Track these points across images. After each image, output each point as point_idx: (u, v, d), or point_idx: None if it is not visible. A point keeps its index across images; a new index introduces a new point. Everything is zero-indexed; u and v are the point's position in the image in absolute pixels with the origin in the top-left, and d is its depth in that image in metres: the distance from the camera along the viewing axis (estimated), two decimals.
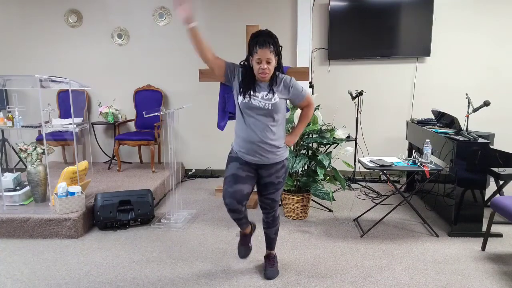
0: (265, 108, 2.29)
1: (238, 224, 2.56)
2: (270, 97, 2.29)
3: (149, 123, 4.93)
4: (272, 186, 2.46)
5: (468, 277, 2.61)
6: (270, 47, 2.21)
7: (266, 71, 2.24)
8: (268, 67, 2.24)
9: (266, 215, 2.60)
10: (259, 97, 2.29)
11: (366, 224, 3.50)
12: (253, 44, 2.23)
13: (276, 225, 2.65)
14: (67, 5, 5.07)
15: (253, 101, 2.29)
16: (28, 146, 3.49)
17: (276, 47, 2.26)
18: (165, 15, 5.00)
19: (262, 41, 2.20)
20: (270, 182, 2.45)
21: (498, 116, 4.70)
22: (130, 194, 3.55)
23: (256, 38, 2.24)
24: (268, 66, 2.24)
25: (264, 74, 2.25)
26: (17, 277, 2.68)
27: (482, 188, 3.17)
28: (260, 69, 2.24)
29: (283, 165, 2.45)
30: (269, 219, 2.60)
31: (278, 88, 2.33)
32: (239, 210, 2.40)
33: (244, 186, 2.36)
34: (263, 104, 2.28)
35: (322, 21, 4.84)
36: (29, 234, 3.29)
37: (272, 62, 2.25)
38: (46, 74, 3.55)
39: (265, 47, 2.19)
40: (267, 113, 2.30)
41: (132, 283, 2.58)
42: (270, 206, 2.55)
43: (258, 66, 2.24)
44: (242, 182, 2.36)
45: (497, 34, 4.66)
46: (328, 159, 3.49)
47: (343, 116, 4.83)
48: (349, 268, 2.75)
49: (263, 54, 2.20)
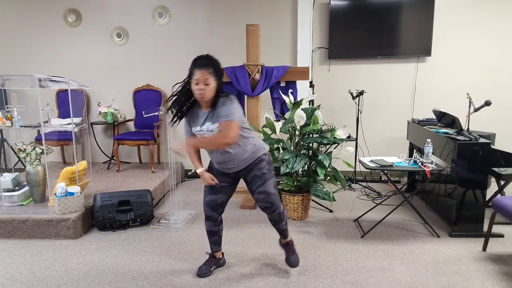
0: None
1: (210, 242, 2.70)
2: (212, 128, 2.34)
3: (148, 123, 4.91)
4: (257, 178, 2.46)
5: (469, 278, 2.59)
6: (209, 69, 2.26)
7: (203, 92, 2.26)
8: (206, 88, 2.26)
9: (270, 215, 2.55)
10: (204, 130, 2.37)
11: (366, 224, 3.48)
12: (193, 67, 2.29)
13: (283, 219, 2.60)
14: (66, 5, 5.05)
15: (203, 135, 2.39)
16: (27, 146, 3.48)
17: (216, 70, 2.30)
18: (164, 14, 4.99)
19: (200, 64, 2.26)
20: (254, 175, 2.48)
21: (500, 116, 4.69)
22: (129, 195, 3.54)
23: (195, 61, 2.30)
24: (206, 88, 2.26)
25: (201, 96, 2.27)
26: (16, 278, 2.66)
27: (483, 188, 3.16)
28: (197, 89, 2.26)
29: (260, 160, 2.48)
30: (274, 218, 2.57)
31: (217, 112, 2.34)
32: (214, 218, 2.60)
33: (218, 196, 2.55)
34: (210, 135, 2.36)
35: (323, 20, 4.82)
36: (28, 235, 3.27)
37: (211, 84, 2.27)
38: (45, 73, 3.53)
39: (203, 69, 2.25)
40: None
41: (132, 283, 2.57)
42: (268, 202, 2.46)
43: (196, 87, 2.27)
44: (216, 192, 2.55)
45: (498, 33, 4.64)
46: (328, 159, 3.47)
47: (343, 116, 4.81)
48: (349, 268, 2.74)
49: (201, 75, 2.24)
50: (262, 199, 2.47)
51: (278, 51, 4.84)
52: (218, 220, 2.64)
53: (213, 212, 2.58)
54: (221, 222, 2.68)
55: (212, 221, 2.61)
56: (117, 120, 5.03)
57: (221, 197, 2.56)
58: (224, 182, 2.55)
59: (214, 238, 2.69)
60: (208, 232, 2.67)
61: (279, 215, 2.55)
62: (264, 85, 3.93)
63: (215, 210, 2.58)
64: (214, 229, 2.65)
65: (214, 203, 2.56)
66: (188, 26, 4.99)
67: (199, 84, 2.25)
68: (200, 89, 2.25)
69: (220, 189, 2.55)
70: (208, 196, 2.57)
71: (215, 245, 2.71)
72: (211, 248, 2.72)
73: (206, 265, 2.69)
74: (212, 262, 2.71)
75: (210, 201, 2.56)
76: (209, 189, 2.56)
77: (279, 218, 2.57)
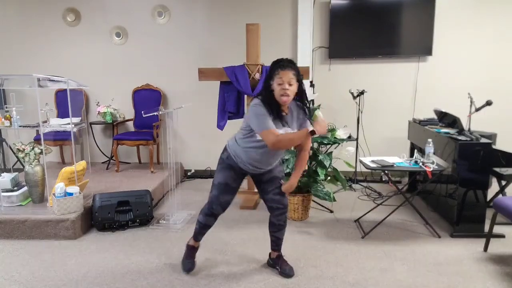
0: None
1: (198, 233, 2.67)
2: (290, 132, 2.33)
3: (148, 123, 4.90)
4: (276, 179, 2.53)
5: (471, 279, 2.58)
6: (292, 71, 2.24)
7: (287, 92, 2.22)
8: (290, 88, 2.22)
9: (278, 217, 2.56)
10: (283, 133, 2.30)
11: (367, 225, 3.47)
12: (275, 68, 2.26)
13: (286, 225, 2.65)
14: (65, 4, 5.03)
15: None
16: (26, 146, 3.47)
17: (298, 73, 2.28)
18: (164, 13, 4.97)
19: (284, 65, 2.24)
20: (273, 177, 2.53)
21: (501, 115, 4.67)
22: (128, 195, 3.53)
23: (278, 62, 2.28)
24: (290, 88, 2.22)
25: (286, 96, 2.22)
26: (15, 278, 2.65)
27: (484, 189, 3.14)
28: (281, 89, 2.22)
29: (281, 163, 2.64)
30: (281, 221, 2.58)
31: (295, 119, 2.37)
32: (217, 217, 2.59)
33: (232, 196, 2.55)
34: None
35: (323, 20, 4.80)
36: (27, 235, 3.25)
37: (293, 86, 2.24)
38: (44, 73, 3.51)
39: (287, 69, 2.22)
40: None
41: (131, 284, 2.55)
42: (282, 203, 2.53)
43: (279, 87, 2.22)
44: (232, 192, 2.53)
45: (499, 33, 4.63)
46: (329, 159, 3.46)
47: (344, 116, 4.79)
48: (350, 269, 2.72)
49: (285, 76, 2.21)
50: (278, 200, 2.52)
51: (278, 50, 4.81)
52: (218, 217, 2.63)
53: (222, 210, 2.56)
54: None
55: (215, 218, 2.59)
56: (116, 120, 5.02)
57: (233, 197, 2.56)
58: (240, 182, 2.55)
59: (205, 231, 2.67)
60: (204, 226, 2.62)
61: (285, 220, 2.61)
62: None
63: (225, 209, 2.56)
64: (211, 224, 2.62)
65: (227, 204, 2.54)
66: (188, 26, 4.98)
67: (283, 84, 2.21)
68: (285, 89, 2.21)
69: (236, 189, 2.55)
70: (225, 196, 2.50)
71: (201, 236, 2.70)
72: (197, 238, 2.70)
73: (190, 258, 2.72)
74: (193, 253, 2.73)
75: (226, 201, 2.52)
76: (227, 188, 2.49)
77: (284, 223, 2.61)
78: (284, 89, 2.21)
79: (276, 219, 2.58)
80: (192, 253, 2.74)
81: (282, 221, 2.59)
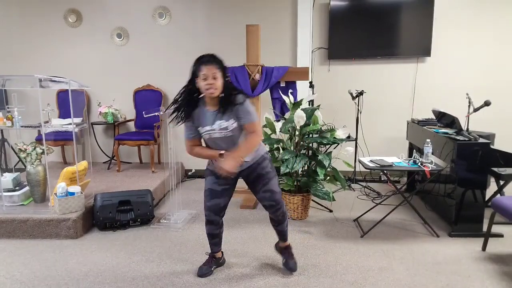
0: (226, 136, 2.36)
1: (210, 244, 2.67)
2: (226, 125, 2.33)
3: (148, 123, 4.92)
4: (261, 177, 2.49)
5: (469, 278, 2.60)
6: (215, 64, 2.25)
7: (213, 86, 2.24)
8: (215, 82, 2.24)
9: (274, 214, 2.57)
10: (217, 128, 2.34)
11: (366, 224, 3.49)
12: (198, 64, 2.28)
13: (286, 219, 2.64)
14: (66, 5, 5.06)
15: (214, 135, 2.36)
16: (28, 146, 3.49)
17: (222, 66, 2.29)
18: (164, 14, 4.99)
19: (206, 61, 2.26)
20: (258, 175, 2.49)
21: (499, 116, 4.69)
22: (129, 194, 3.55)
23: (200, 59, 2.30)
24: (215, 82, 2.24)
25: (212, 90, 2.25)
26: (16, 278, 2.67)
27: (482, 188, 3.16)
28: (207, 84, 2.24)
29: (263, 158, 2.50)
30: (278, 217, 2.58)
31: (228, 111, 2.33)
32: (217, 222, 2.57)
33: (220, 200, 2.51)
34: (223, 133, 2.35)
35: (323, 21, 4.83)
36: (29, 235, 3.28)
37: (219, 79, 2.26)
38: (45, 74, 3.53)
39: (209, 64, 2.24)
40: (230, 138, 2.38)
41: (132, 283, 2.57)
42: (273, 200, 2.50)
43: (204, 83, 2.25)
44: (218, 196, 2.51)
45: (498, 33, 4.64)
46: (328, 159, 3.48)
47: (343, 116, 4.81)
48: (349, 268, 2.74)
49: (208, 71, 2.23)
50: (268, 198, 2.50)
51: (278, 51, 4.85)
52: (220, 223, 2.61)
53: (215, 216, 2.54)
54: (222, 224, 2.64)
55: (214, 224, 2.57)
56: (118, 120, 5.04)
57: (224, 200, 2.53)
58: (226, 184, 2.51)
59: (215, 240, 2.66)
60: (210, 235, 2.63)
61: (283, 214, 2.58)
62: (264, 85, 3.94)
63: (218, 213, 2.54)
64: (216, 232, 2.62)
65: (217, 207, 2.52)
66: (188, 27, 5.00)
67: (208, 79, 2.23)
68: (210, 84, 2.23)
69: (223, 192, 2.51)
70: (211, 200, 2.51)
71: (215, 246, 2.69)
72: (212, 249, 2.70)
73: (206, 265, 2.69)
74: (212, 261, 2.71)
75: (214, 205, 2.51)
76: (212, 192, 2.51)
77: (282, 218, 2.59)
78: (209, 83, 2.23)
79: (273, 216, 2.59)
80: (212, 261, 2.71)
81: (280, 216, 2.57)
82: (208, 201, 2.52)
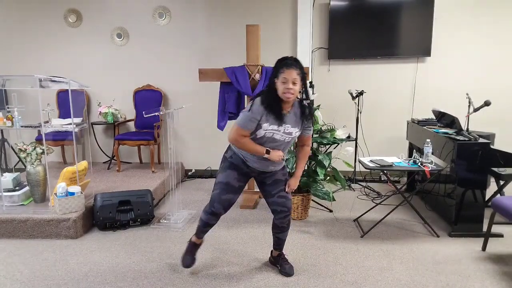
0: (285, 141, 2.39)
1: (200, 231, 2.64)
2: (290, 130, 2.36)
3: (148, 123, 4.92)
4: (280, 182, 2.54)
5: (469, 278, 2.60)
6: (297, 69, 2.24)
7: (291, 91, 2.22)
8: (293, 88, 2.23)
9: (281, 220, 2.56)
10: (281, 131, 2.34)
11: (366, 224, 3.49)
12: (280, 66, 2.27)
13: (289, 228, 2.65)
14: (66, 5, 5.06)
15: (275, 135, 2.35)
16: (28, 146, 3.49)
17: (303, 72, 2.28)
18: (165, 14, 5.00)
19: (289, 63, 2.25)
20: (276, 179, 2.54)
21: (499, 116, 4.69)
22: (129, 194, 3.55)
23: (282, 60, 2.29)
24: (294, 87, 2.23)
25: (289, 95, 2.23)
26: (16, 278, 2.67)
27: (482, 188, 3.16)
28: (285, 88, 2.23)
29: (284, 165, 2.61)
30: (284, 223, 2.58)
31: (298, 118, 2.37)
32: (220, 215, 2.54)
33: (234, 196, 2.52)
34: (284, 137, 2.37)
35: (323, 21, 4.83)
36: (29, 234, 3.28)
37: (297, 85, 2.25)
38: (45, 74, 3.54)
39: (291, 68, 2.23)
40: (286, 144, 2.42)
41: (132, 283, 2.57)
42: (285, 206, 2.53)
43: (283, 86, 2.23)
44: (234, 192, 2.50)
45: (497, 34, 4.65)
46: (328, 159, 3.48)
47: (343, 116, 4.82)
48: (349, 268, 2.74)
49: (289, 75, 2.22)
50: (282, 203, 2.53)
51: (278, 51, 4.82)
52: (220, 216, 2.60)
53: (223, 210, 2.51)
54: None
55: (216, 216, 2.54)
56: (118, 120, 5.04)
57: (236, 197, 2.53)
58: (243, 182, 2.54)
59: (207, 229, 2.63)
60: (206, 224, 2.58)
61: (288, 222, 2.61)
62: (264, 85, 3.94)
63: (227, 208, 2.52)
64: (213, 223, 2.58)
65: (228, 203, 2.50)
66: (189, 27, 5.00)
67: (287, 83, 2.22)
68: (288, 88, 2.22)
69: (239, 189, 2.52)
70: (226, 194, 2.47)
71: (203, 234, 2.67)
72: (199, 235, 2.67)
73: (190, 254, 2.70)
74: (194, 249, 2.72)
75: (227, 200, 2.48)
76: (229, 187, 2.47)
77: (287, 225, 2.61)
78: (288, 88, 2.22)
79: (279, 222, 2.57)
80: (193, 249, 2.72)
81: (285, 223, 2.58)
82: (223, 195, 2.47)
